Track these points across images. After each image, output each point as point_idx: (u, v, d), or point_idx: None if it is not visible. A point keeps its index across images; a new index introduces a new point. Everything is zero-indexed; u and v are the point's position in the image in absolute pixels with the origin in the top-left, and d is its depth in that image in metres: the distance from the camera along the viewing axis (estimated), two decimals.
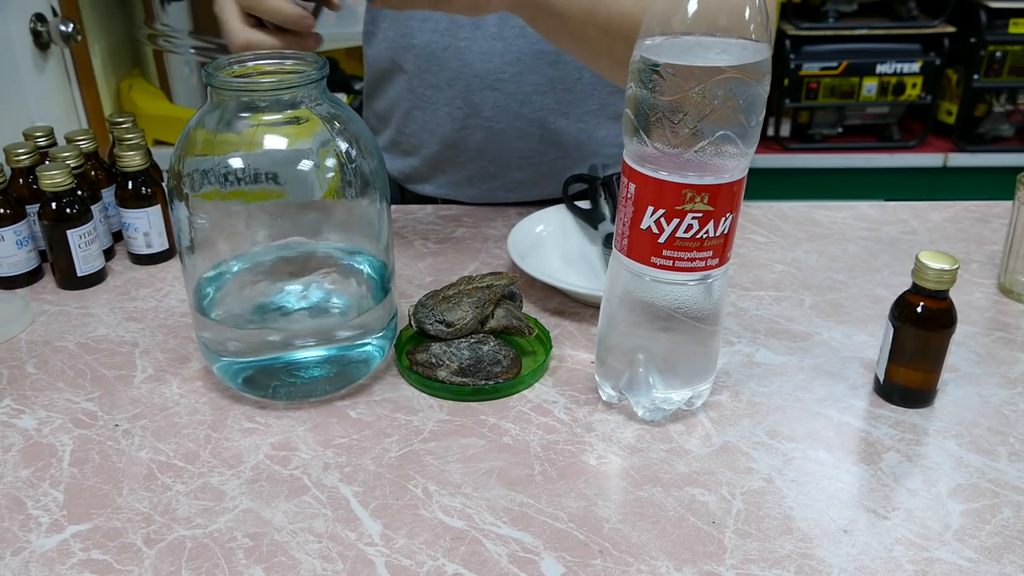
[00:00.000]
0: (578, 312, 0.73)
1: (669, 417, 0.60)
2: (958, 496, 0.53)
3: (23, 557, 0.49)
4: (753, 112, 0.50)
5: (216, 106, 0.56)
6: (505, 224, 0.89)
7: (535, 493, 0.53)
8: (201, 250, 0.59)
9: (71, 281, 0.77)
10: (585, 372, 0.65)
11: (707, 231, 0.53)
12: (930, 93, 2.05)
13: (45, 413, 0.61)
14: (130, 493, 0.53)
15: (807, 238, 0.87)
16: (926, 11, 2.06)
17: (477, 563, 0.48)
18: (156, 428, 0.59)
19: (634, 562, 0.48)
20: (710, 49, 0.49)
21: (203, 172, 0.56)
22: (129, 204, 0.79)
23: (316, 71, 0.56)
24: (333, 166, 0.58)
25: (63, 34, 1.38)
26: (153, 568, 0.48)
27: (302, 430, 0.59)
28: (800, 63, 2.01)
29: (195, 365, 0.66)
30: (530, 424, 0.59)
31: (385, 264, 0.63)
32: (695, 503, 0.52)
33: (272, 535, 0.50)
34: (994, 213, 0.92)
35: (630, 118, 0.52)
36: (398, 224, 0.90)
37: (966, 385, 0.64)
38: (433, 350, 0.63)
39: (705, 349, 0.58)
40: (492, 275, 0.65)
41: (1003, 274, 0.76)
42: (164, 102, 1.83)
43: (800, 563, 0.48)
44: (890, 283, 0.78)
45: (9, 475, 0.55)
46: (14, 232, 0.75)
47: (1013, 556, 0.49)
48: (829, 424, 0.60)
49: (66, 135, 0.82)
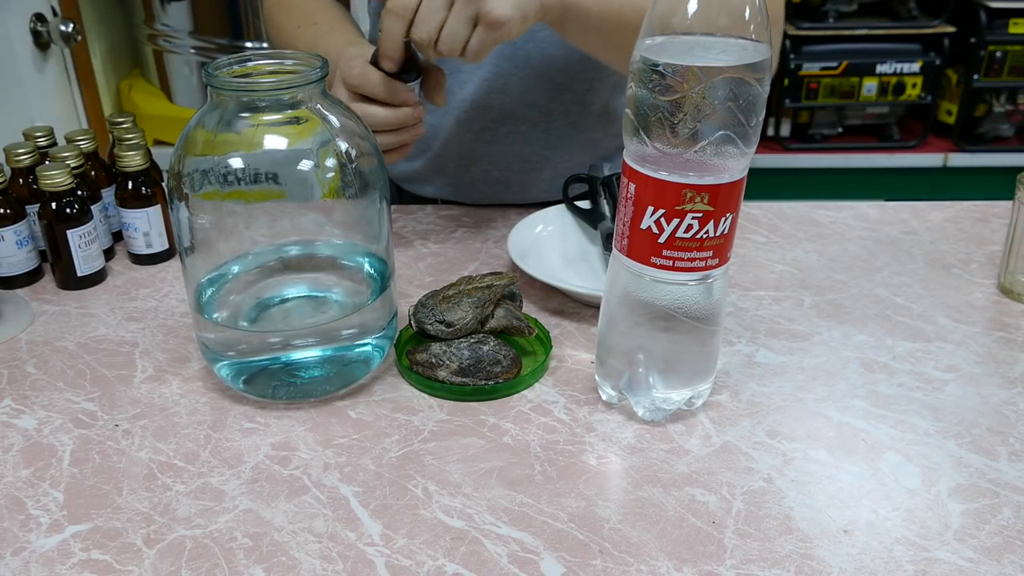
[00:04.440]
0: (578, 312, 0.73)
1: (669, 417, 0.60)
2: (958, 496, 0.53)
3: (23, 557, 0.49)
4: (753, 112, 0.50)
5: (216, 106, 0.56)
6: (505, 224, 0.89)
7: (535, 493, 0.53)
8: (201, 250, 0.59)
9: (71, 281, 0.77)
10: (585, 372, 0.65)
11: (707, 231, 0.53)
12: (930, 93, 2.05)
13: (45, 413, 0.61)
14: (130, 493, 0.53)
15: (807, 238, 0.87)
16: (926, 11, 2.06)
17: (477, 563, 0.48)
18: (156, 428, 0.59)
19: (634, 562, 0.48)
20: (710, 49, 0.49)
21: (203, 172, 0.56)
22: (129, 204, 0.79)
23: (316, 71, 0.56)
24: (333, 166, 0.58)
25: (63, 34, 1.38)
26: (153, 568, 0.48)
27: (302, 430, 0.59)
28: (800, 63, 2.02)
29: (195, 365, 0.66)
30: (530, 424, 0.59)
31: (385, 264, 0.63)
32: (695, 503, 0.52)
33: (272, 535, 0.50)
34: (994, 213, 0.92)
35: (630, 118, 0.52)
36: (398, 224, 0.90)
37: (966, 385, 0.64)
38: (433, 350, 0.63)
39: (705, 349, 0.58)
40: (492, 275, 0.65)
41: (1003, 274, 0.76)
42: (164, 102, 1.83)
43: (800, 563, 0.48)
44: (890, 283, 0.78)
45: (9, 475, 0.55)
46: (14, 232, 0.75)
47: (1013, 556, 0.49)
48: (829, 424, 0.60)
49: (66, 135, 0.82)
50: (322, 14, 0.86)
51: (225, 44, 1.75)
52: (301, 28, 0.85)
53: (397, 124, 0.73)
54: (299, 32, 0.85)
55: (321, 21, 0.84)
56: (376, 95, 0.71)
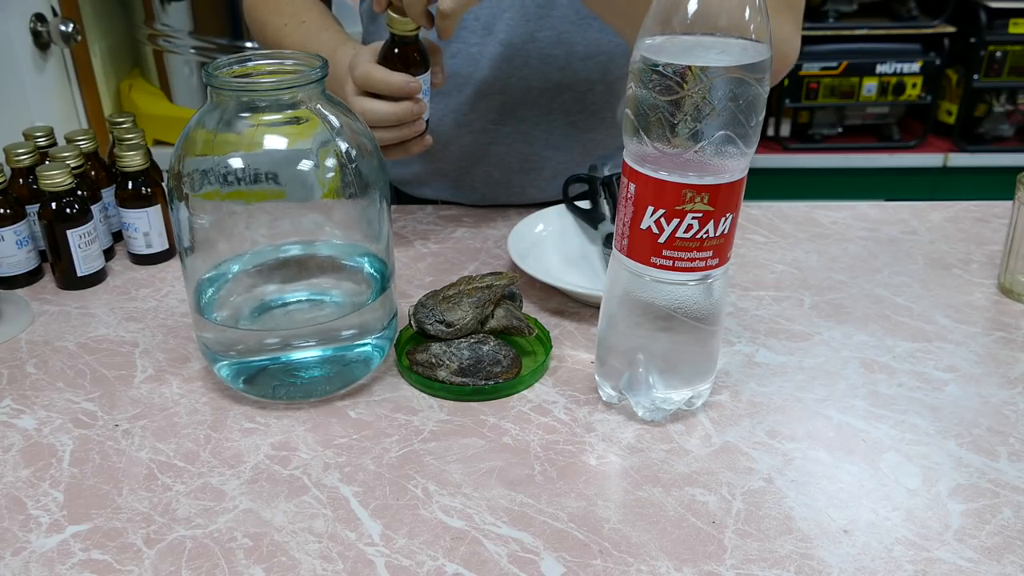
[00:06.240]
0: (578, 312, 0.73)
1: (669, 417, 0.60)
2: (958, 496, 0.53)
3: (23, 557, 0.49)
4: (753, 112, 0.50)
5: (216, 106, 0.56)
6: (505, 224, 0.89)
7: (535, 493, 0.53)
8: (201, 250, 0.59)
9: (71, 281, 0.77)
10: (585, 372, 0.65)
11: (707, 231, 0.53)
12: (930, 93, 2.05)
13: (45, 413, 0.61)
14: (130, 493, 0.53)
15: (807, 238, 0.87)
16: (926, 11, 2.06)
17: (477, 563, 0.48)
18: (156, 428, 0.59)
19: (634, 562, 0.48)
20: (710, 49, 0.49)
21: (203, 172, 0.56)
22: (129, 204, 0.79)
23: (316, 71, 0.56)
24: (333, 166, 0.58)
25: (63, 34, 1.38)
26: (153, 568, 0.48)
27: (302, 430, 0.59)
28: (800, 63, 2.01)
29: (195, 365, 0.66)
30: (530, 424, 0.59)
31: (385, 264, 0.63)
32: (695, 503, 0.52)
33: (272, 535, 0.50)
34: (994, 213, 0.92)
35: (630, 118, 0.52)
36: (398, 224, 0.90)
37: (966, 385, 0.64)
38: (433, 350, 0.63)
39: (705, 349, 0.58)
40: (492, 275, 0.65)
41: (1003, 274, 0.76)
42: (164, 102, 1.83)
43: (800, 563, 0.48)
44: (890, 283, 0.78)
45: (9, 475, 0.55)
46: (14, 232, 0.75)
47: (1013, 556, 0.49)
48: (829, 424, 0.60)
49: (66, 135, 0.82)
50: (310, 13, 0.85)
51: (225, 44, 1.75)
52: (289, 26, 0.85)
53: (397, 120, 0.73)
54: (286, 30, 0.85)
55: (310, 20, 0.84)
56: (384, 89, 0.72)
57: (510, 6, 0.84)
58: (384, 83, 0.72)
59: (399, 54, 0.73)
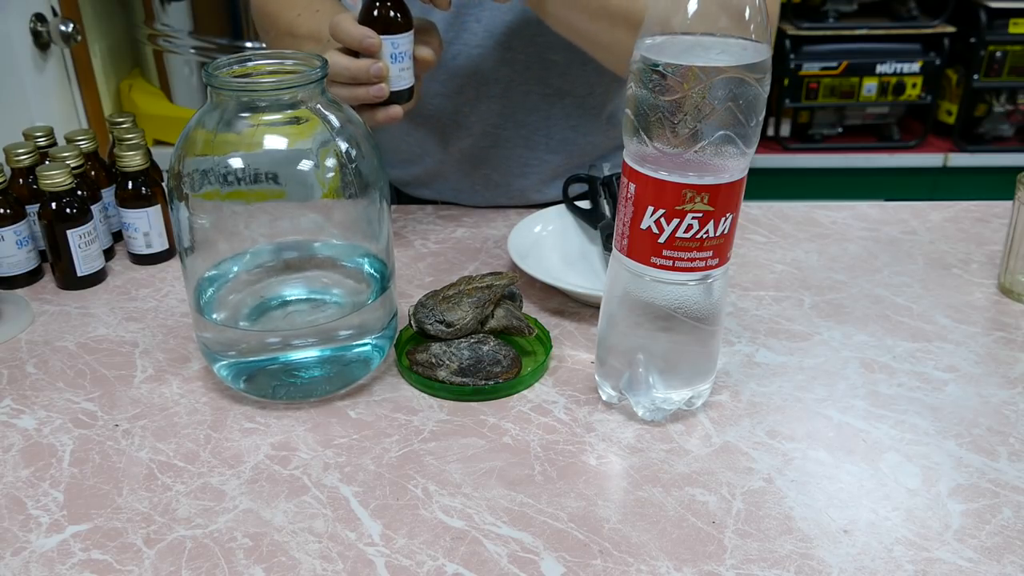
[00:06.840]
0: (578, 312, 0.73)
1: (669, 417, 0.60)
2: (958, 496, 0.53)
3: (23, 557, 0.49)
4: (753, 112, 0.50)
5: (216, 106, 0.56)
6: (505, 224, 0.89)
7: (535, 493, 0.53)
8: (201, 250, 0.59)
9: (71, 281, 0.77)
10: (585, 372, 0.65)
11: (707, 231, 0.53)
12: (930, 93, 2.05)
13: (45, 413, 0.61)
14: (130, 493, 0.53)
15: (807, 238, 0.87)
16: (926, 11, 2.06)
17: (477, 563, 0.48)
18: (156, 428, 0.59)
19: (634, 562, 0.48)
20: (710, 49, 0.49)
21: (203, 172, 0.56)
22: (129, 204, 0.79)
23: (316, 71, 0.56)
24: (333, 166, 0.58)
25: (63, 34, 1.38)
26: (153, 568, 0.48)
27: (302, 430, 0.59)
28: (800, 63, 2.01)
29: (195, 365, 0.66)
30: (530, 424, 0.59)
31: (385, 264, 0.63)
32: (695, 503, 0.52)
33: (272, 535, 0.50)
34: (994, 213, 0.92)
35: (630, 118, 0.52)
36: (398, 224, 0.90)
37: (966, 385, 0.64)
38: (433, 350, 0.63)
39: (705, 349, 0.58)
40: (492, 275, 0.65)
41: (1003, 274, 0.76)
42: (164, 102, 1.83)
43: (800, 563, 0.48)
44: (890, 283, 0.78)
45: (9, 475, 0.55)
46: (14, 232, 0.75)
47: (1013, 556, 0.49)
48: (829, 424, 0.60)
49: (66, 135, 0.82)
50: (324, 2, 0.85)
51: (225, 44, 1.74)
52: (302, 16, 0.84)
53: (351, 77, 0.71)
54: (300, 20, 0.84)
55: (323, 8, 0.83)
56: (345, 41, 0.71)
57: (511, 10, 0.84)
58: (346, 34, 0.70)
59: (378, 14, 0.71)
